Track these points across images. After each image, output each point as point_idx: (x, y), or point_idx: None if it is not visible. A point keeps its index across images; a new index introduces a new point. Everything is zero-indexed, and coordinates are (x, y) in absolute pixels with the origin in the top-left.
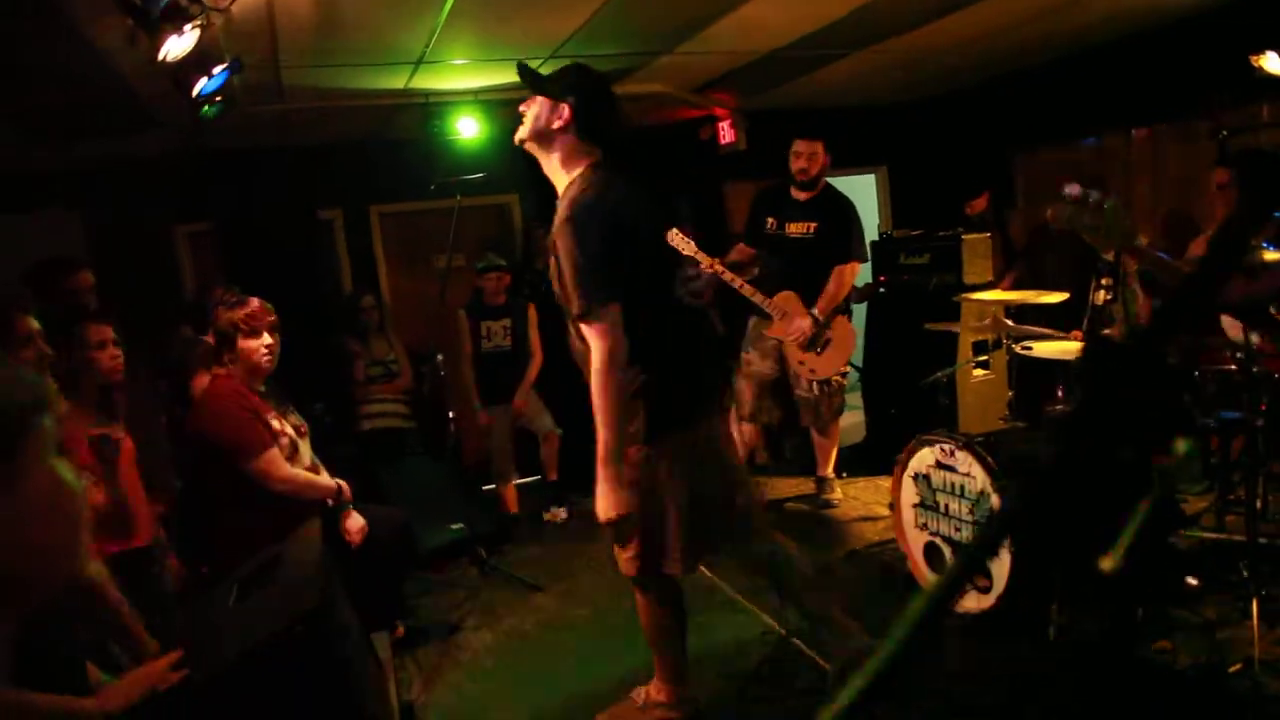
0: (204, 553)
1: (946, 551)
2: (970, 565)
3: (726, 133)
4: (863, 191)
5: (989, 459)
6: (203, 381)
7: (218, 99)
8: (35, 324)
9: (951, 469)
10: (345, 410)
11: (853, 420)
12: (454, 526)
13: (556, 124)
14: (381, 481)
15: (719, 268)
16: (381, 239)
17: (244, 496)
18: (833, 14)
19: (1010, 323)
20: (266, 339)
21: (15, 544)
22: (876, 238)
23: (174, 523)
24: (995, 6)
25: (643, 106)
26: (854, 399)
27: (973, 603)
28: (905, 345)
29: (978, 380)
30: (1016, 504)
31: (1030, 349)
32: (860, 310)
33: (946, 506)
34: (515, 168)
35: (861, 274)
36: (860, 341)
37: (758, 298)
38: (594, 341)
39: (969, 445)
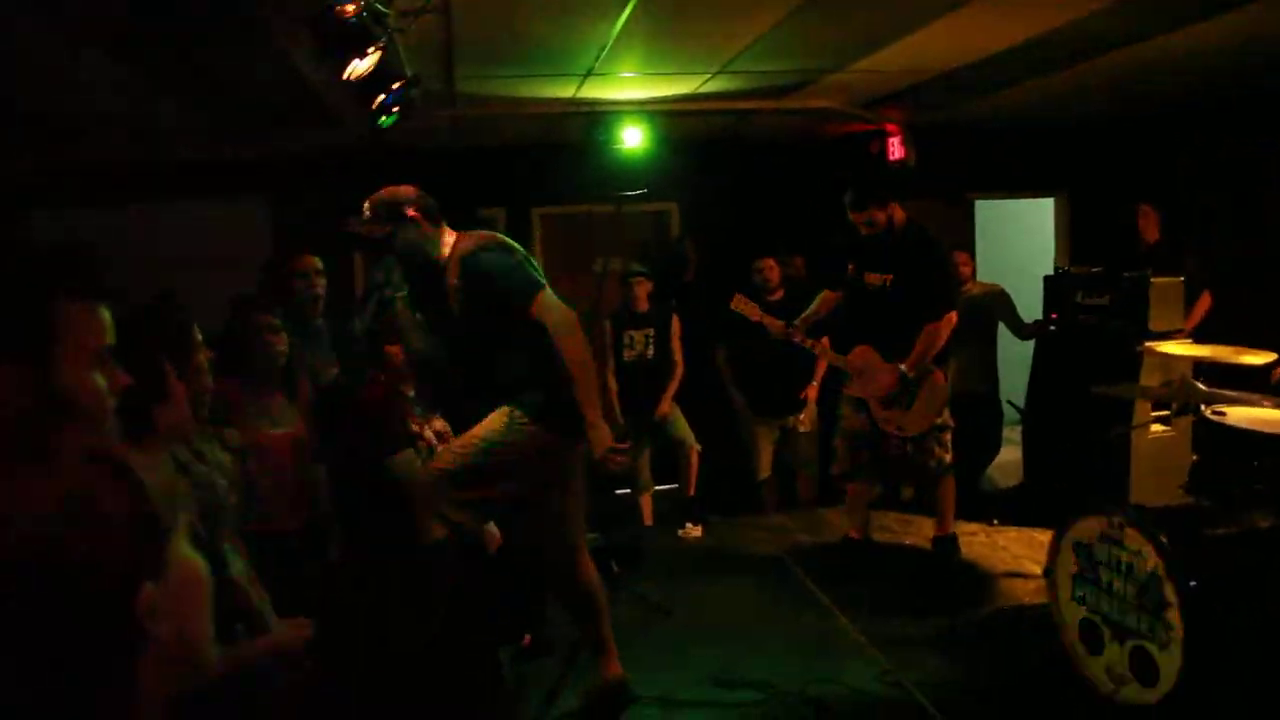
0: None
1: (1107, 633)
2: None
3: (896, 148)
4: (1037, 217)
5: (1163, 540)
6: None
7: (394, 110)
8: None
9: (1118, 544)
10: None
11: (1010, 458)
12: (589, 535)
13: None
14: None
15: (797, 335)
16: (541, 240)
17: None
18: (1029, 32)
19: (1201, 385)
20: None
21: (169, 630)
22: (1051, 270)
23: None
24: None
25: (807, 120)
26: (1012, 432)
27: (1133, 693)
28: (1074, 391)
29: (1155, 436)
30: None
31: (1223, 415)
32: (1026, 347)
33: (1110, 584)
34: (676, 176)
35: (1030, 309)
36: (1024, 379)
37: (834, 358)
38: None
39: (1141, 522)
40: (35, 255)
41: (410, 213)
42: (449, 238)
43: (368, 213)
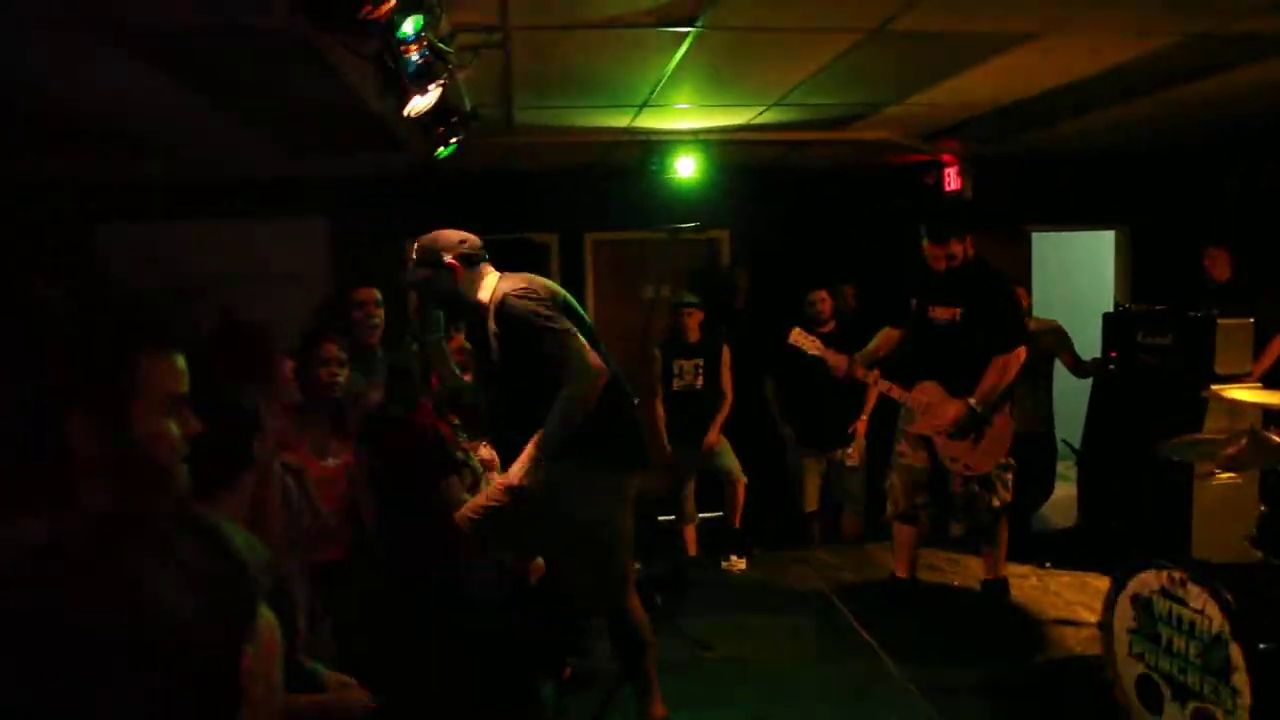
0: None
1: (1167, 693)
2: None
3: (952, 180)
4: (1097, 251)
5: (1229, 599)
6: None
7: (453, 141)
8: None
9: (1180, 601)
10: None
11: (1063, 495)
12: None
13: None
14: None
15: (859, 371)
16: (593, 265)
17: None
18: (1094, 67)
19: (1276, 438)
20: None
21: (261, 687)
22: (1110, 306)
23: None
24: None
25: (861, 150)
26: (1066, 470)
27: None
28: (1133, 433)
29: (1220, 483)
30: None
31: None
32: (1082, 386)
33: (1170, 642)
34: (728, 204)
35: (1089, 346)
36: (1080, 418)
37: (895, 393)
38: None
39: (1205, 580)
40: (115, 305)
41: (448, 260)
42: (489, 280)
43: (413, 256)
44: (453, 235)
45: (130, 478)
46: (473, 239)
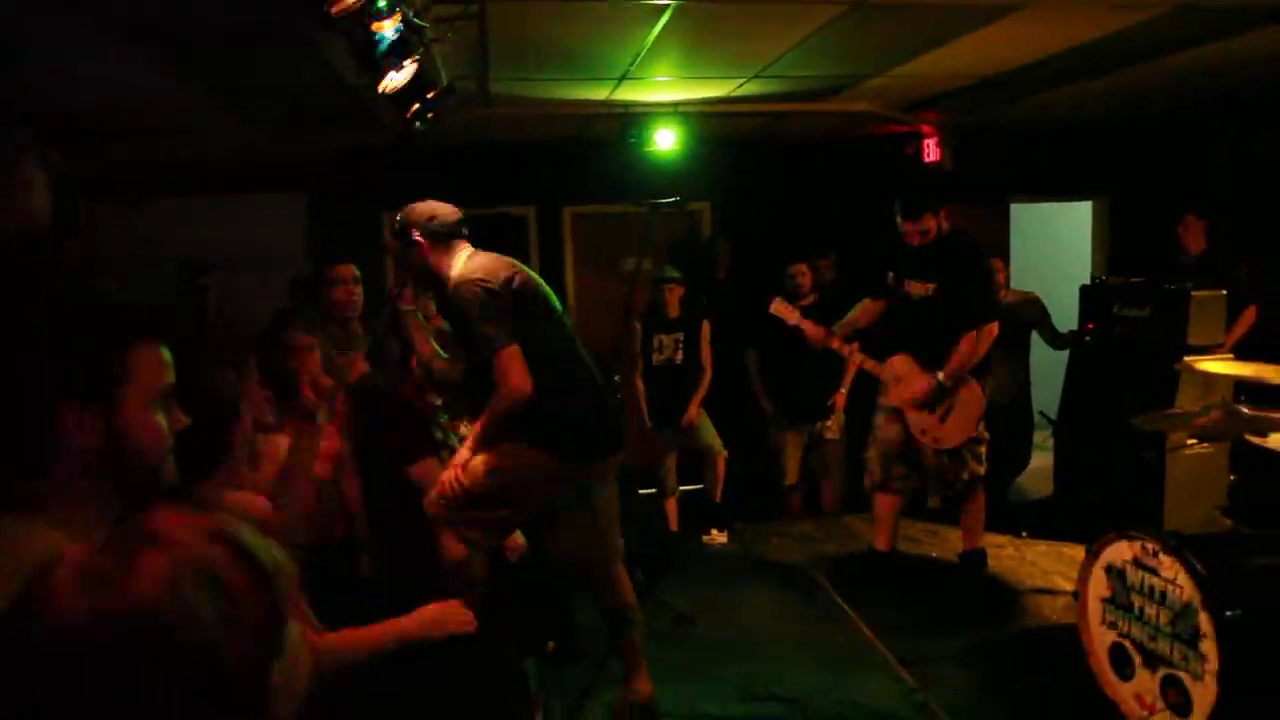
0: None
1: (1137, 659)
2: None
3: (932, 151)
4: (1074, 221)
5: (1200, 569)
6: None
7: (429, 115)
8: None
9: (1153, 571)
10: None
11: (1040, 465)
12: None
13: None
14: None
15: (835, 341)
16: (572, 238)
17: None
18: (1075, 39)
19: (1245, 409)
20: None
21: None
22: (1088, 277)
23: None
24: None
25: (842, 121)
26: (1043, 439)
27: None
28: (1109, 404)
29: (1192, 454)
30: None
31: (1264, 437)
32: (1059, 357)
33: (1142, 610)
34: (708, 176)
35: (1066, 319)
36: (1057, 389)
37: (869, 365)
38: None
39: (1177, 550)
40: (104, 297)
41: (415, 236)
42: (460, 257)
43: (388, 227)
44: (424, 210)
45: (120, 471)
46: (446, 214)
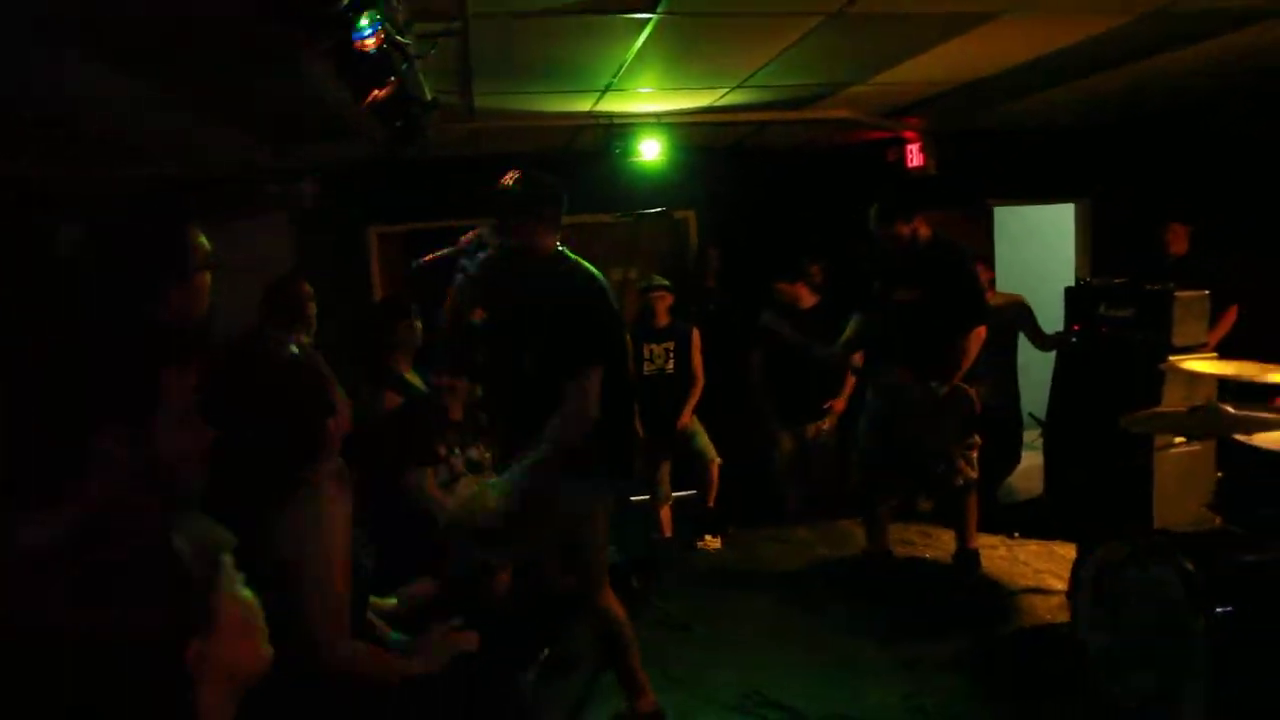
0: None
1: (1131, 658)
2: None
3: (915, 156)
4: (1058, 224)
5: (1189, 568)
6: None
7: (413, 129)
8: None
9: (1143, 570)
10: None
11: (1030, 465)
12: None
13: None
14: None
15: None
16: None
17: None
18: (1057, 44)
19: (1230, 408)
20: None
21: (221, 666)
22: (1072, 282)
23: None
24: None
25: (822, 129)
26: (1032, 439)
27: (1159, 718)
28: (1096, 404)
29: (1179, 453)
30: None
31: (1250, 434)
32: (1046, 358)
33: (1134, 609)
34: (693, 184)
35: (1051, 321)
36: (1044, 391)
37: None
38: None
39: (1166, 550)
40: (146, 323)
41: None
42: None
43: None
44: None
45: (153, 488)
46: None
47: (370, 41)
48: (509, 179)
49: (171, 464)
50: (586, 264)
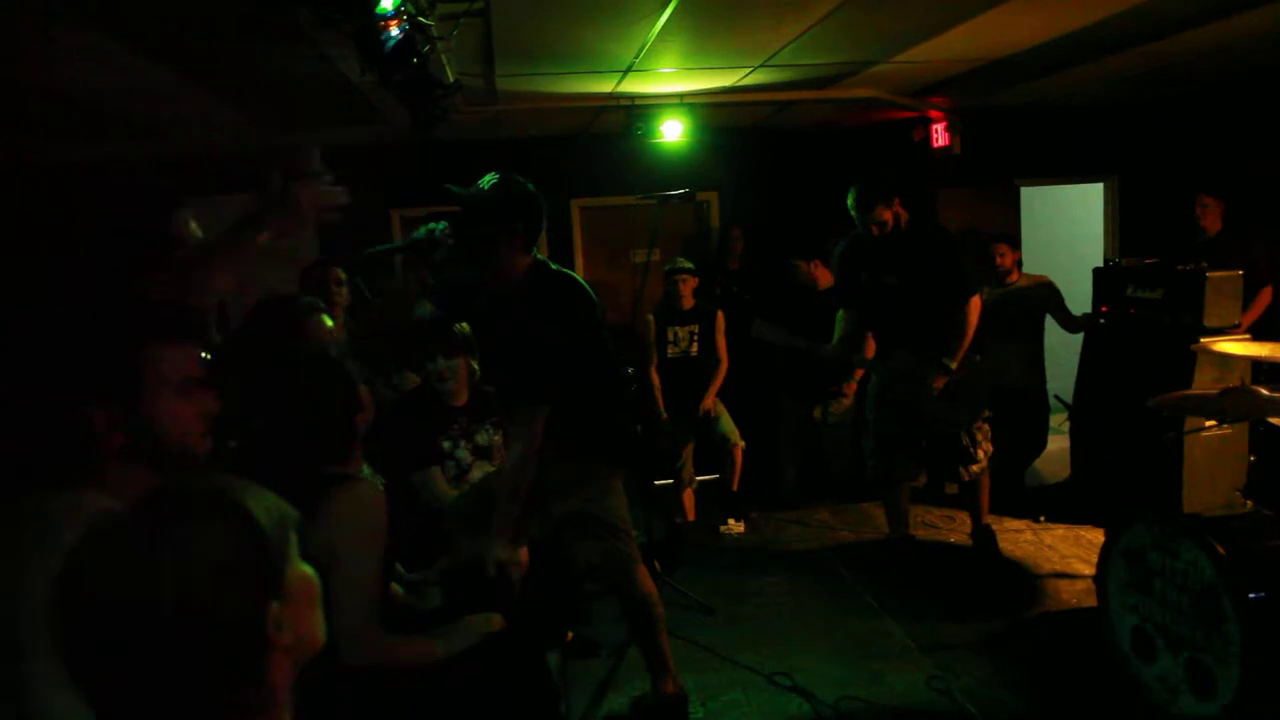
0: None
1: (1161, 643)
2: None
3: (940, 136)
4: (1087, 204)
5: (1220, 552)
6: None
7: (436, 112)
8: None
9: (1173, 554)
10: None
11: (1056, 448)
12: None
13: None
14: None
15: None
16: (581, 231)
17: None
18: (1084, 19)
19: (1264, 390)
20: (450, 363)
21: (290, 634)
22: (1100, 262)
23: None
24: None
25: (846, 109)
26: (1058, 423)
27: (1189, 704)
28: (1124, 387)
29: (1210, 436)
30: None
31: None
32: (1074, 340)
33: (1164, 593)
34: (715, 166)
35: (1079, 302)
36: (1072, 373)
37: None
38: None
39: (1196, 533)
40: (126, 303)
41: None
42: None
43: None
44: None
45: (154, 458)
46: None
47: (393, 23)
48: (485, 181)
49: (167, 434)
50: (568, 272)
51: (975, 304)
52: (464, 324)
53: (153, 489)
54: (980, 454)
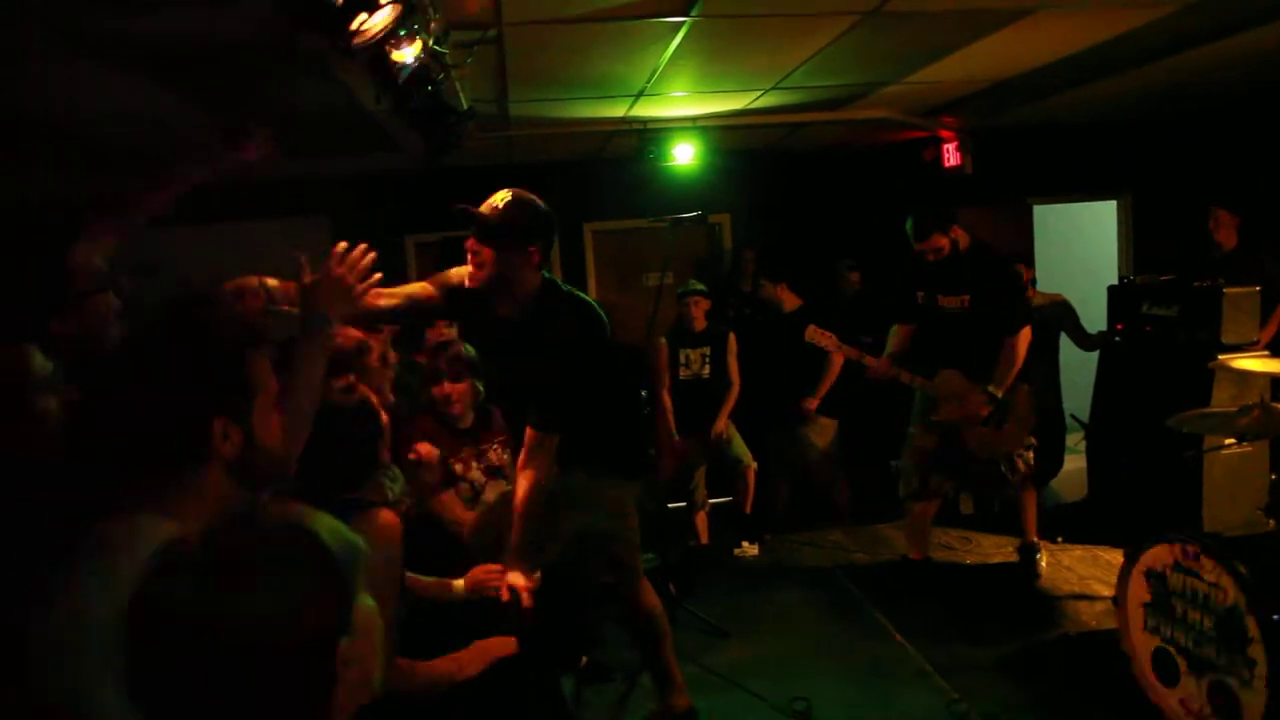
0: None
1: (1182, 665)
2: None
3: (951, 155)
4: (1100, 221)
5: (1244, 572)
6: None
7: (450, 138)
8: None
9: (1195, 574)
10: None
11: (1073, 468)
12: (646, 556)
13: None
14: None
15: (870, 361)
16: (593, 255)
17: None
18: (1094, 38)
19: None
20: (458, 387)
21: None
22: (1115, 280)
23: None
24: None
25: (857, 129)
26: (1074, 442)
27: None
28: (1141, 405)
29: (1230, 454)
30: None
31: None
32: (1089, 358)
33: (1185, 614)
34: (727, 188)
35: (1094, 320)
36: (1088, 392)
37: (919, 382)
38: None
39: (1218, 553)
40: (209, 308)
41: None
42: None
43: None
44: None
45: (250, 470)
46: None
47: (408, 50)
48: (498, 199)
49: (269, 447)
50: (578, 292)
51: (1025, 334)
52: (469, 346)
53: (227, 516)
54: (1018, 478)
